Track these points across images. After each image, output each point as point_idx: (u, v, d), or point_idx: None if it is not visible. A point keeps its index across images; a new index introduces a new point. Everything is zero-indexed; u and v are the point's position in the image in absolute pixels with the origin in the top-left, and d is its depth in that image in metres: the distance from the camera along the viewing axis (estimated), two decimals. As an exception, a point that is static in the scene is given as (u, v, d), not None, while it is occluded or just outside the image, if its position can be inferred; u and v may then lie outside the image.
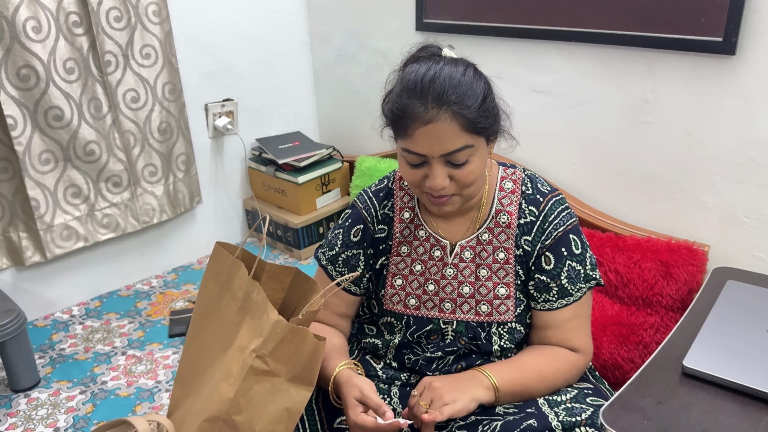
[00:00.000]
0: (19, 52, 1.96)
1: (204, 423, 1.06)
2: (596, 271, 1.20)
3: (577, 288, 1.18)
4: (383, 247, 1.25)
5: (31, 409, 1.87)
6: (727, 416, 0.96)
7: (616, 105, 1.94)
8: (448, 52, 1.13)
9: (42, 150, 2.09)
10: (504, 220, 1.19)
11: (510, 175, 1.23)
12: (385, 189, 1.27)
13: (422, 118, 1.04)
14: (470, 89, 1.05)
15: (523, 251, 1.18)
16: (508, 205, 1.20)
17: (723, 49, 1.67)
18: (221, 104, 2.60)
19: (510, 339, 1.19)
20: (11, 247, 2.16)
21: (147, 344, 2.16)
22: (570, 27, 1.96)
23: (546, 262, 1.17)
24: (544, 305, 1.19)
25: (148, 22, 2.25)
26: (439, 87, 1.03)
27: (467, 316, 1.20)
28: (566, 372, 1.17)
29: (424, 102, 1.04)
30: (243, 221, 2.91)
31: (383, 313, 1.26)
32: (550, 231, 1.17)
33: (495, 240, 1.20)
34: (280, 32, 2.75)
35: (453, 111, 1.03)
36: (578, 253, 1.18)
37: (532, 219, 1.19)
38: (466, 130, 1.04)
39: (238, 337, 1.07)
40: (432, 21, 2.34)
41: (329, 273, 1.28)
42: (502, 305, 1.19)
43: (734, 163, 1.75)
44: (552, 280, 1.17)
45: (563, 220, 1.18)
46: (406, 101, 1.05)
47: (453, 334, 1.21)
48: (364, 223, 1.26)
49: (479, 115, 1.05)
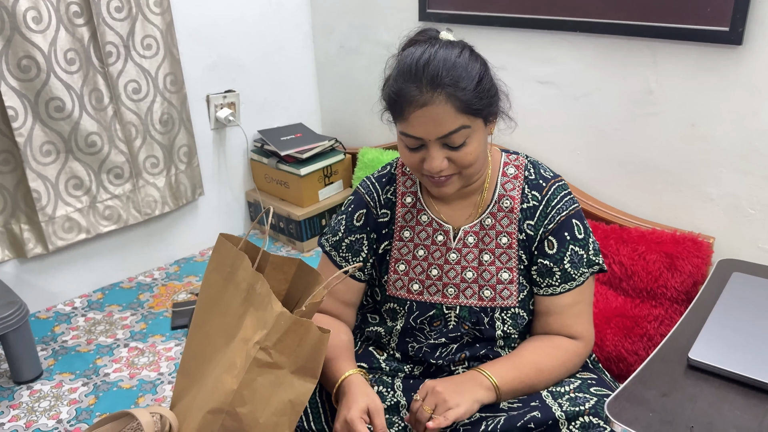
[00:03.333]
0: (19, 43, 1.95)
1: (207, 415, 1.06)
2: (599, 256, 1.20)
3: (580, 272, 1.17)
4: (386, 231, 1.25)
5: (33, 401, 1.87)
6: (732, 408, 0.95)
7: (620, 96, 1.93)
8: (446, 35, 1.13)
9: (43, 141, 2.09)
10: (507, 205, 1.19)
11: (513, 160, 1.23)
12: (388, 174, 1.27)
13: (417, 101, 1.04)
14: (465, 71, 1.05)
15: (526, 236, 1.18)
16: (511, 190, 1.20)
17: (729, 39, 1.65)
18: (223, 96, 2.59)
19: (513, 324, 1.19)
20: (13, 239, 2.16)
21: (149, 336, 2.16)
22: (574, 17, 1.95)
23: (549, 246, 1.17)
24: (546, 290, 1.18)
25: (149, 12, 2.23)
26: (433, 69, 1.03)
27: (470, 301, 1.20)
28: (566, 362, 1.16)
29: (419, 85, 1.04)
30: (245, 213, 2.90)
31: (386, 299, 1.25)
32: (553, 215, 1.17)
33: (498, 225, 1.19)
34: (283, 24, 2.74)
35: (447, 93, 1.03)
36: (581, 238, 1.18)
37: (534, 203, 1.18)
38: (462, 112, 1.04)
39: (242, 329, 1.07)
40: (435, 11, 2.32)
41: (333, 259, 1.27)
42: (505, 290, 1.19)
43: (739, 154, 1.74)
44: (555, 264, 1.17)
45: (566, 204, 1.18)
46: (401, 85, 1.06)
47: (456, 320, 1.20)
48: (366, 207, 1.25)
49: (474, 97, 1.05)
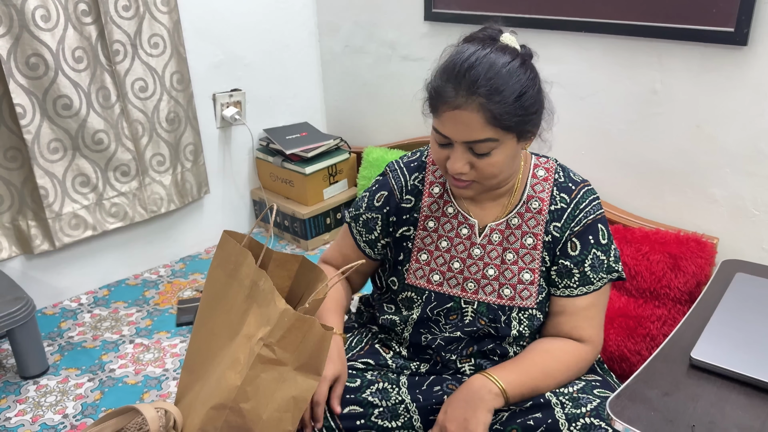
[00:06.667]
0: (28, 41, 1.97)
1: (211, 410, 1.06)
2: (619, 264, 1.20)
3: (599, 277, 1.17)
4: (407, 217, 1.25)
5: (40, 396, 1.88)
6: (734, 408, 0.96)
7: (625, 96, 1.93)
8: (506, 38, 1.09)
9: (51, 139, 2.10)
10: (536, 206, 1.19)
11: (543, 163, 1.23)
12: (418, 161, 1.27)
13: (451, 102, 1.03)
14: (506, 83, 1.02)
15: (551, 237, 1.18)
16: (540, 192, 1.20)
17: (735, 39, 1.65)
18: (229, 94, 2.61)
19: (529, 325, 1.19)
20: (20, 235, 2.17)
21: (155, 333, 2.17)
22: (579, 17, 1.95)
23: (572, 247, 1.17)
24: (564, 291, 1.18)
25: (157, 11, 2.25)
26: (474, 75, 1.02)
27: (489, 298, 1.20)
28: (572, 366, 1.16)
29: (456, 86, 1.03)
30: (250, 211, 2.91)
31: (404, 288, 1.25)
32: (581, 218, 1.17)
33: (524, 225, 1.20)
34: (289, 23, 2.75)
35: (480, 102, 1.02)
36: (604, 243, 1.18)
37: (563, 206, 1.19)
38: (491, 124, 1.03)
39: (246, 326, 1.08)
40: (440, 11, 2.32)
41: (351, 230, 1.31)
42: (525, 290, 1.19)
43: (744, 155, 1.74)
44: (575, 266, 1.17)
45: (594, 208, 1.18)
46: (441, 82, 1.05)
47: (473, 315, 1.20)
48: (390, 191, 1.26)
49: (508, 111, 1.03)
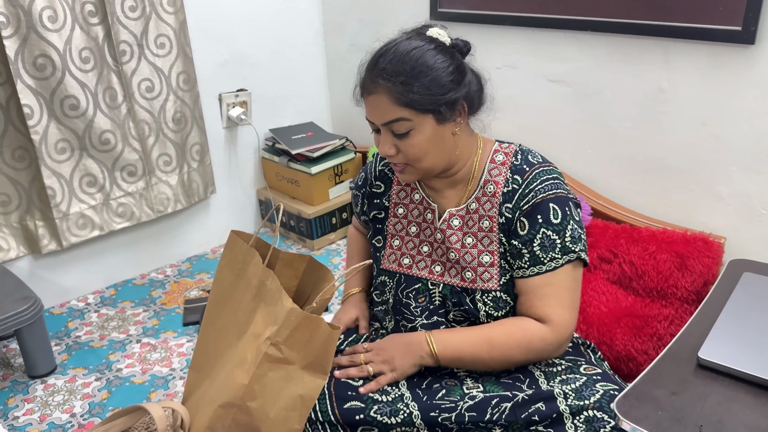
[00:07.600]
0: (35, 42, 1.98)
1: (219, 409, 1.07)
2: (578, 245, 1.16)
3: (550, 257, 1.15)
4: (377, 201, 1.34)
5: (47, 395, 1.89)
6: (741, 407, 0.95)
7: (632, 95, 1.93)
8: (433, 31, 1.16)
9: (58, 139, 2.11)
10: (490, 190, 1.21)
11: (504, 148, 1.25)
12: None
13: (367, 88, 1.14)
14: (412, 66, 1.09)
15: (505, 219, 1.19)
16: (496, 175, 1.22)
17: (742, 38, 1.65)
18: (235, 94, 2.61)
19: (495, 307, 1.20)
20: (28, 235, 2.18)
21: (161, 332, 2.18)
22: (585, 16, 1.95)
23: (520, 227, 1.17)
24: (517, 272, 1.19)
25: (163, 11, 2.25)
26: (383, 61, 1.11)
27: (453, 281, 1.23)
28: (523, 341, 1.15)
29: (369, 74, 1.13)
30: (256, 211, 2.92)
31: (380, 272, 1.32)
32: (530, 198, 1.17)
33: (481, 209, 1.22)
34: (294, 22, 2.75)
35: (385, 85, 1.10)
36: (556, 223, 1.15)
37: (515, 187, 1.19)
38: (399, 104, 1.10)
39: (253, 325, 1.08)
40: (446, 10, 2.32)
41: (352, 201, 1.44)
42: (486, 273, 1.20)
43: (751, 153, 1.73)
44: (524, 245, 1.16)
45: (546, 188, 1.17)
46: (362, 73, 1.16)
47: (440, 297, 1.24)
48: (366, 173, 1.38)
49: (413, 92, 1.09)
